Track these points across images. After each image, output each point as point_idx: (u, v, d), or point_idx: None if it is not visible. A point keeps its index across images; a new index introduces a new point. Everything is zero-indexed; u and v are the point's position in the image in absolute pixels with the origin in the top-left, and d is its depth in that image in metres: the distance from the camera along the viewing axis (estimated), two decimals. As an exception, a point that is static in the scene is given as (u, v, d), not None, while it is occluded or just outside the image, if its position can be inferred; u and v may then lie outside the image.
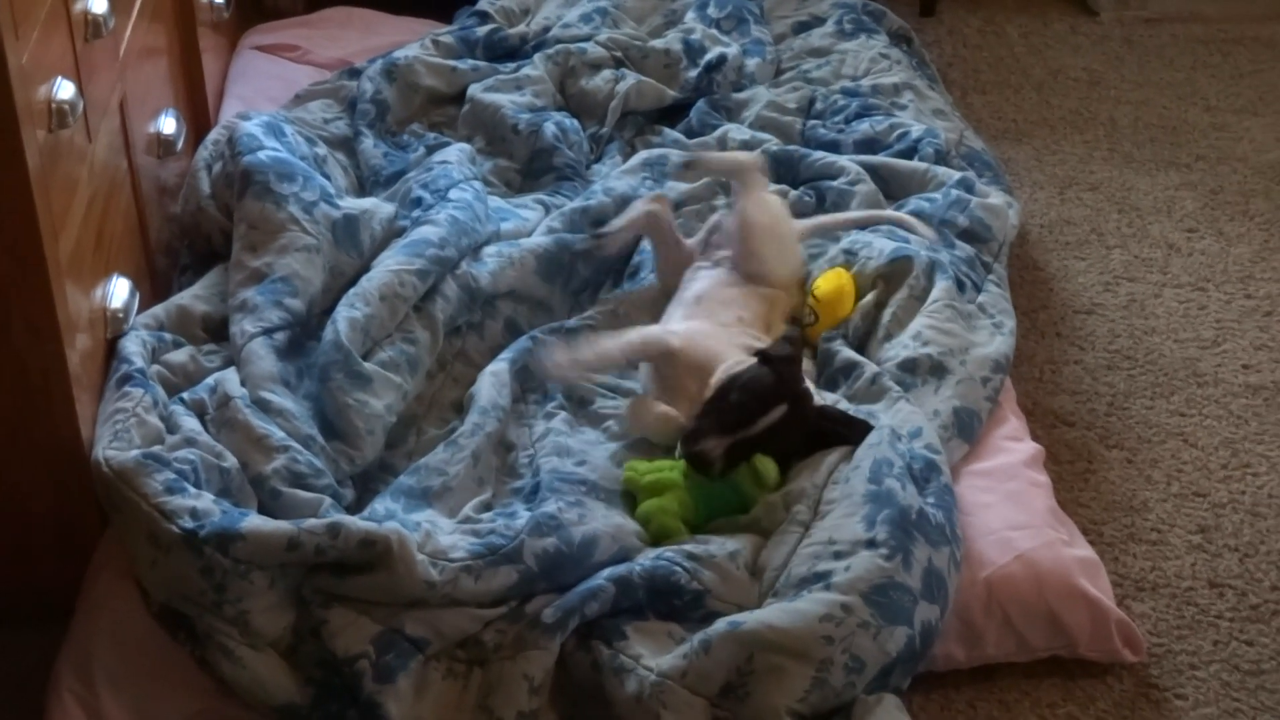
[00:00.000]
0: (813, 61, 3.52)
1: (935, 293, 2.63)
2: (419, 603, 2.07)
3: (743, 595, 2.13)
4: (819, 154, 3.07)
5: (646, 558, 2.16)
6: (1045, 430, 2.74)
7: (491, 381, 2.48)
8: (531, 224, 2.88)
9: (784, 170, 3.06)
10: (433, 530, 2.15)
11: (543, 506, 2.21)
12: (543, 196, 3.00)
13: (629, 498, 2.32)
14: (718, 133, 3.20)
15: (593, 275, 2.80)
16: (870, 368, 2.49)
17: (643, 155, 3.09)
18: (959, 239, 2.83)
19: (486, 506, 2.29)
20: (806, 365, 2.52)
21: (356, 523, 2.09)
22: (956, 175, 2.98)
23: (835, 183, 2.98)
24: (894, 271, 2.69)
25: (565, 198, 2.98)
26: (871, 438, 2.30)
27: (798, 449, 2.32)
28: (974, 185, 2.97)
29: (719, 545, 2.19)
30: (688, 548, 2.18)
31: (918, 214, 2.87)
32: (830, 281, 2.68)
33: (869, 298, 2.67)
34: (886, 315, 2.63)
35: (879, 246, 2.73)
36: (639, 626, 2.09)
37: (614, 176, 3.01)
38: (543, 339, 2.58)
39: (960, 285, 2.69)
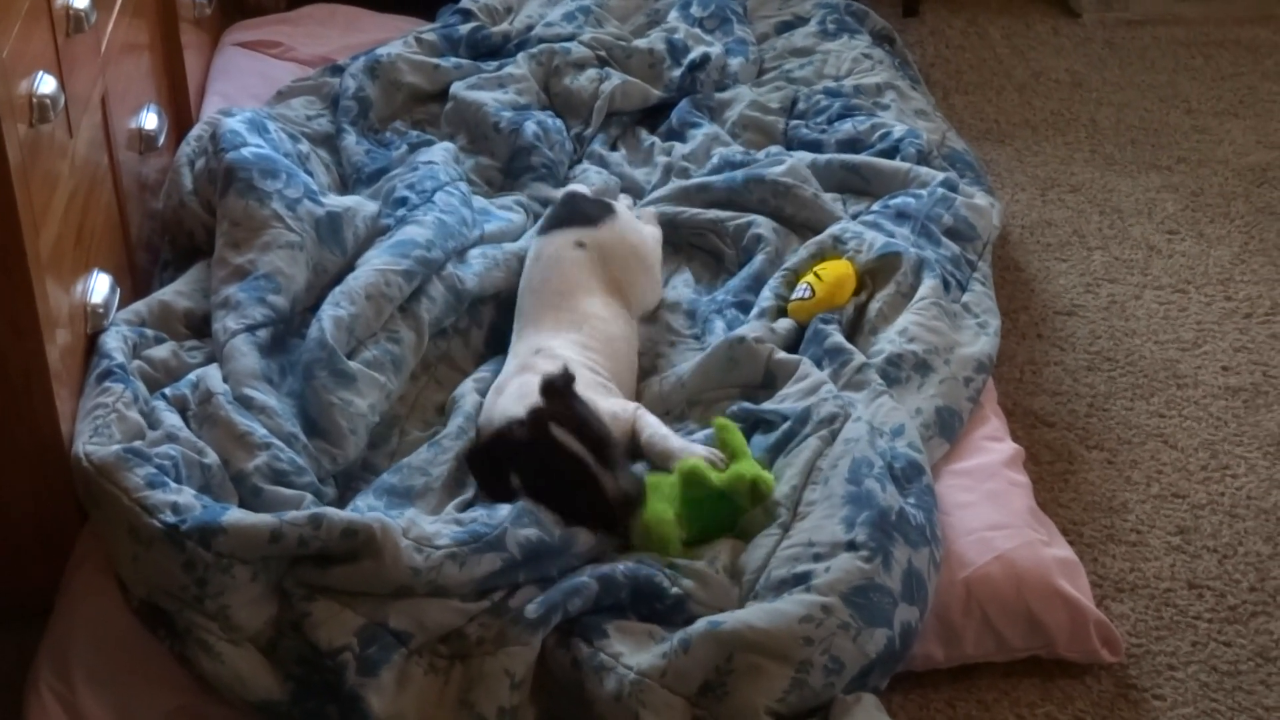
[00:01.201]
0: (795, 61, 3.52)
1: (922, 290, 2.64)
2: (404, 592, 2.06)
3: (723, 599, 2.13)
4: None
5: (628, 561, 2.16)
6: (1025, 431, 2.75)
7: (475, 387, 2.49)
8: (516, 226, 2.88)
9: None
10: (416, 518, 2.15)
11: (523, 498, 2.22)
12: (521, 199, 3.00)
13: None
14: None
15: None
16: (858, 357, 2.50)
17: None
18: (944, 237, 2.83)
19: (467, 505, 2.29)
20: None
21: (339, 513, 2.09)
22: (940, 175, 2.98)
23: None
24: (882, 267, 2.70)
25: (539, 204, 2.98)
26: (850, 432, 2.30)
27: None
28: (958, 185, 2.97)
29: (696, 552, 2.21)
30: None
31: (903, 210, 2.87)
32: (836, 267, 2.69)
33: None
34: (872, 310, 2.64)
35: (869, 239, 2.73)
36: (620, 625, 2.09)
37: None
38: None
39: (945, 284, 2.69)
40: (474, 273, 2.66)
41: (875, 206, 2.93)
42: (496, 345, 2.65)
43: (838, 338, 2.55)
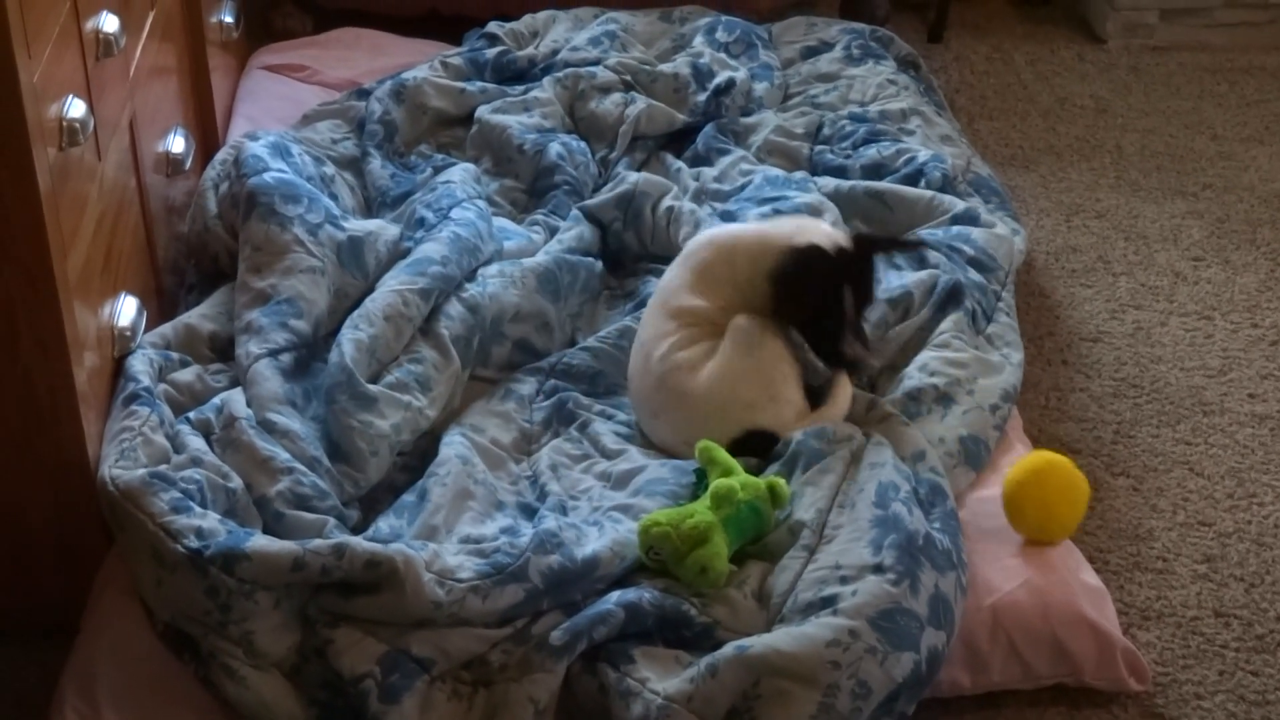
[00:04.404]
0: (821, 86, 3.51)
1: (944, 324, 2.63)
2: (426, 623, 2.07)
3: (751, 623, 2.13)
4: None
5: (655, 586, 2.16)
6: (1051, 457, 2.74)
7: (459, 431, 2.48)
8: (535, 245, 2.88)
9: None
10: (440, 550, 2.14)
11: (543, 523, 2.22)
12: (539, 217, 2.99)
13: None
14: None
15: (590, 300, 2.82)
16: (878, 401, 2.50)
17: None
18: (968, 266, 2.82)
19: (497, 504, 2.30)
20: None
21: (362, 544, 2.09)
22: (961, 205, 2.97)
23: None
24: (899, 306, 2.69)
25: (562, 219, 2.98)
26: (875, 456, 2.30)
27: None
28: (979, 216, 2.96)
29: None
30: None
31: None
32: None
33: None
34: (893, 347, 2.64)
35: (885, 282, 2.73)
36: (646, 650, 2.08)
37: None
38: None
39: (971, 314, 2.68)
40: (490, 290, 2.66)
41: None
42: (524, 360, 2.66)
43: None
